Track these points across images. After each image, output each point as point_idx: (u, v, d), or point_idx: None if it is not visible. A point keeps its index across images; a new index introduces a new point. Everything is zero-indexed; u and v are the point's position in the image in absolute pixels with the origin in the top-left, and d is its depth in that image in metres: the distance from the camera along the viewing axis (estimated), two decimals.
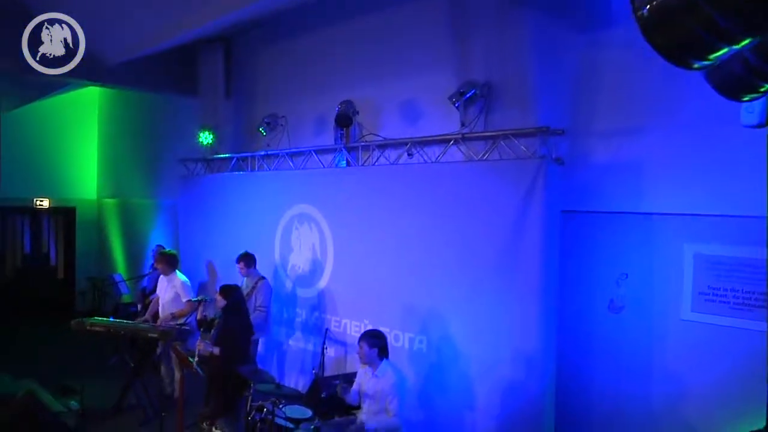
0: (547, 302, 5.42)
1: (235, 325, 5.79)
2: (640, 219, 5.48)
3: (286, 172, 8.10)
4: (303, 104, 8.36)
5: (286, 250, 7.92)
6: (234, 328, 5.78)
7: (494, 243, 5.75)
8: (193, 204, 9.60)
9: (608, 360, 5.65)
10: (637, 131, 5.47)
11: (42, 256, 14.01)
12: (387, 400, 5.13)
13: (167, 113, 11.65)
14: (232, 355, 5.65)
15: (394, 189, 6.63)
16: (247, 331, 6.01)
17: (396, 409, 5.10)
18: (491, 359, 5.72)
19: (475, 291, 5.86)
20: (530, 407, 5.42)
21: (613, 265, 5.63)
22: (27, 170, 12.75)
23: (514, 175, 5.63)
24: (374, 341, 5.27)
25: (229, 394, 5.70)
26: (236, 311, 5.84)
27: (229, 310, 5.76)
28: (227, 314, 5.76)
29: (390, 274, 6.61)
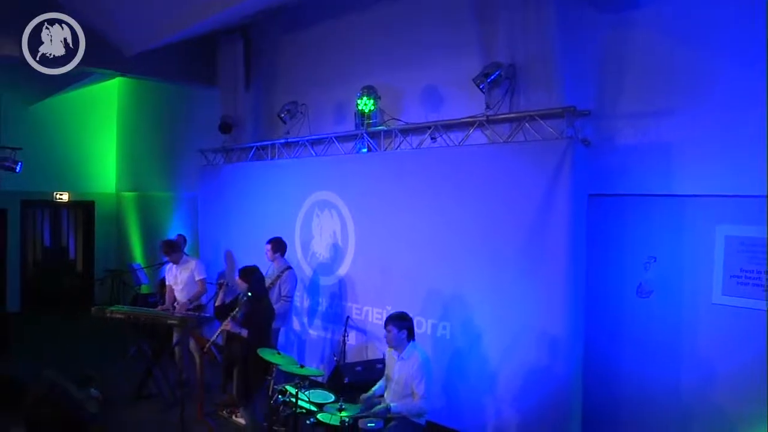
0: (574, 287, 5.31)
1: (258, 307, 5.72)
2: (668, 201, 5.37)
3: (307, 159, 8.04)
4: (323, 92, 8.31)
5: (307, 238, 7.86)
6: (258, 309, 5.71)
7: (520, 227, 5.66)
8: (212, 194, 9.57)
9: (636, 346, 5.54)
10: (665, 112, 5.36)
11: (61, 249, 14.07)
12: (413, 383, 5.04)
13: (185, 107, 11.68)
14: (257, 337, 5.59)
15: (416, 174, 6.55)
16: (270, 312, 5.95)
17: (423, 391, 5.02)
18: (516, 345, 5.63)
19: (500, 276, 5.77)
20: (557, 393, 5.31)
21: (641, 249, 5.53)
22: (47, 164, 12.86)
23: (540, 157, 5.53)
24: (403, 323, 5.19)
25: (252, 377, 5.63)
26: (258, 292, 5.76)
27: (251, 292, 5.69)
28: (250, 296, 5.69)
29: (412, 260, 6.53)
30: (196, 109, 11.25)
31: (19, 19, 7.33)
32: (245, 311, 5.72)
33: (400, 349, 5.20)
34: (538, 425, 5.43)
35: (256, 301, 5.70)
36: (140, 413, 7.01)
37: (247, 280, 5.75)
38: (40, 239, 13.84)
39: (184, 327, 7.00)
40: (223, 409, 6.96)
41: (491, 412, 5.81)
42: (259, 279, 5.86)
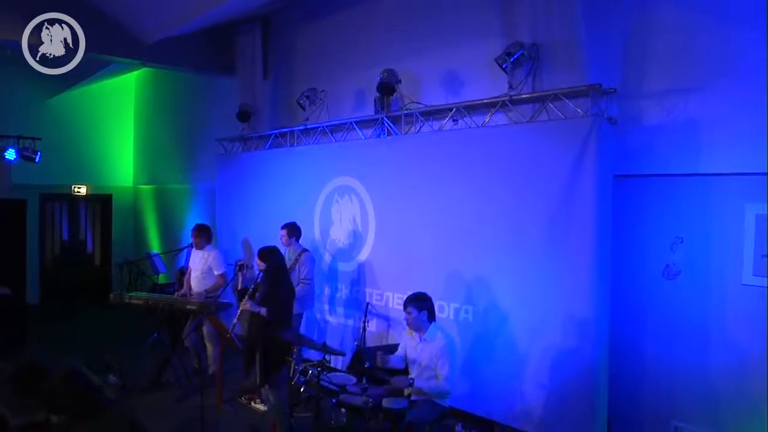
0: (599, 269, 5.22)
1: (278, 288, 5.67)
2: (696, 181, 5.27)
3: (326, 145, 8.00)
4: (342, 79, 8.26)
5: (326, 224, 7.81)
6: (277, 290, 5.66)
7: (544, 208, 5.57)
8: (230, 183, 9.55)
9: (663, 328, 5.45)
10: (692, 90, 5.27)
11: (79, 243, 14.12)
12: (437, 364, 4.97)
13: (203, 98, 11.69)
14: (277, 317, 5.53)
15: (438, 157, 6.48)
16: (290, 293, 5.89)
17: (447, 372, 4.95)
18: (541, 327, 5.54)
19: (524, 258, 5.69)
20: (582, 376, 5.22)
21: (668, 230, 5.43)
22: (65, 158, 12.91)
23: (564, 137, 5.45)
24: (422, 304, 5.12)
25: (273, 359, 5.58)
26: (278, 273, 5.71)
27: (270, 273, 5.64)
28: (269, 277, 5.64)
29: (434, 244, 6.46)
30: (213, 100, 11.25)
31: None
32: (264, 290, 5.67)
33: (422, 331, 5.13)
34: (563, 408, 5.34)
35: (275, 280, 5.65)
36: (158, 400, 6.97)
37: (266, 260, 5.70)
38: (59, 233, 13.90)
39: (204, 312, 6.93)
40: (242, 395, 6.91)
41: (516, 396, 5.72)
42: (279, 259, 5.81)
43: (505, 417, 5.83)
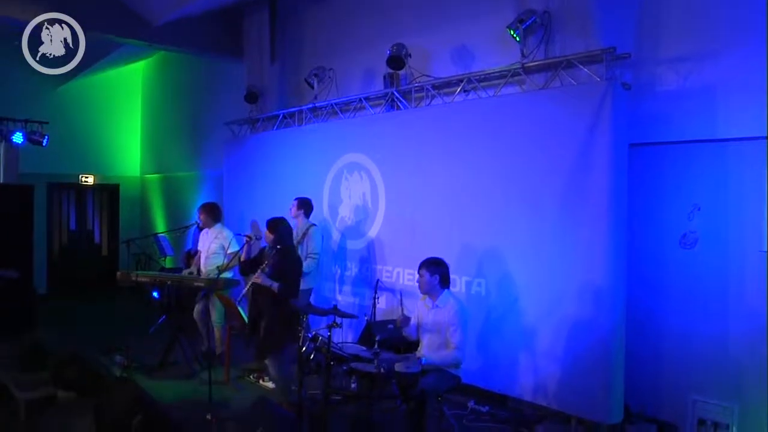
0: (615, 238, 5.11)
1: (287, 259, 5.57)
2: (713, 147, 5.18)
3: (335, 122, 7.91)
4: (351, 57, 8.20)
5: (335, 202, 7.72)
6: (287, 263, 5.56)
7: (558, 178, 5.46)
8: (238, 166, 9.49)
9: (681, 298, 5.34)
10: (708, 54, 5.17)
11: (87, 233, 14.06)
12: (449, 331, 4.87)
13: (210, 85, 11.67)
14: (288, 289, 5.44)
15: (449, 129, 6.37)
16: (299, 264, 5.80)
17: (458, 341, 4.84)
18: (556, 298, 5.42)
19: (538, 229, 5.58)
20: (599, 347, 5.10)
21: (684, 198, 5.34)
22: (73, 146, 12.87)
23: (578, 103, 5.34)
24: (435, 268, 5.02)
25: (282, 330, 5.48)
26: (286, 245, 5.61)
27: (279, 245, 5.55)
28: (278, 250, 5.55)
29: (445, 218, 6.36)
30: (220, 86, 11.21)
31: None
32: (273, 263, 5.57)
33: (434, 297, 5.03)
34: (579, 381, 5.21)
35: (285, 253, 5.56)
36: (166, 378, 6.90)
37: (274, 231, 5.61)
38: (66, 222, 13.85)
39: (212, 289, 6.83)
40: (250, 374, 6.85)
41: (530, 369, 5.62)
42: (287, 230, 5.71)
43: (519, 391, 5.73)
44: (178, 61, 12.81)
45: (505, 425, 5.63)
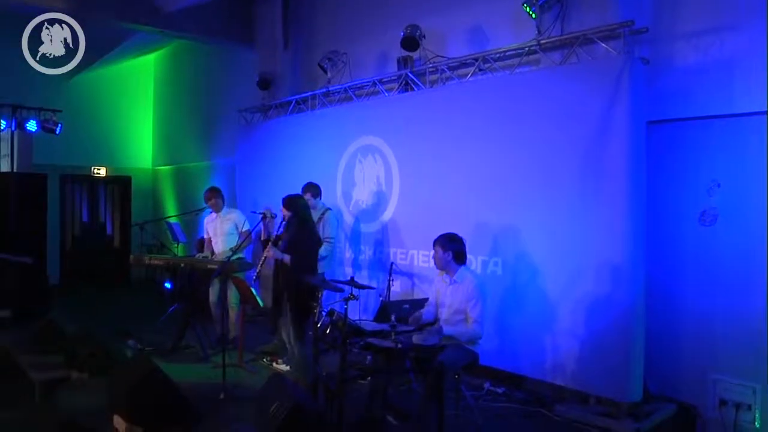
0: (634, 214, 5.04)
1: (302, 234, 5.52)
2: (733, 122, 5.10)
3: (349, 105, 7.88)
4: (364, 42, 8.17)
5: (349, 186, 7.68)
6: (302, 237, 5.51)
7: (576, 155, 5.40)
8: (250, 152, 9.48)
9: (701, 277, 5.26)
10: (728, 28, 5.08)
11: (99, 225, 14.08)
12: (467, 305, 4.80)
13: (221, 74, 11.67)
14: (301, 263, 5.39)
15: (464, 109, 6.32)
16: (315, 240, 5.74)
17: (477, 315, 4.77)
18: (573, 275, 5.36)
19: (555, 206, 5.51)
20: (618, 324, 5.03)
21: (703, 175, 5.27)
22: (85, 138, 12.91)
23: (596, 79, 5.27)
24: (449, 244, 4.95)
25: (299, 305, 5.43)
26: (302, 220, 5.56)
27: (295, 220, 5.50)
28: (293, 224, 5.50)
29: (460, 198, 6.30)
30: (232, 75, 11.19)
31: None
32: (288, 238, 5.53)
33: (451, 273, 4.97)
34: (599, 358, 5.15)
35: (300, 228, 5.51)
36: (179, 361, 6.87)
37: (291, 208, 5.57)
38: (78, 214, 13.87)
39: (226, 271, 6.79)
40: (264, 357, 6.81)
41: (547, 349, 5.55)
42: (304, 206, 5.67)
43: (536, 371, 5.66)
44: (189, 52, 12.83)
45: (523, 405, 5.56)
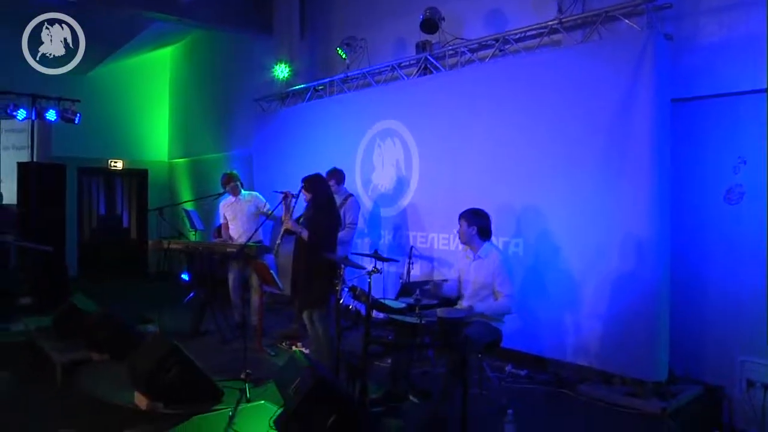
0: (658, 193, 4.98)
1: (322, 213, 5.48)
2: (759, 98, 4.97)
3: (367, 90, 7.85)
4: (382, 28, 8.16)
5: (368, 170, 7.65)
6: (321, 215, 5.47)
7: (598, 134, 5.36)
8: (268, 140, 9.47)
9: (726, 255, 5.17)
10: (753, 4, 4.97)
11: (115, 218, 14.14)
12: (495, 281, 4.75)
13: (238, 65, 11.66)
14: (320, 240, 5.34)
15: (484, 91, 6.28)
16: (336, 219, 5.70)
17: (508, 290, 4.73)
18: (597, 254, 5.30)
19: (578, 186, 5.46)
20: (643, 301, 4.97)
21: (729, 152, 5.17)
22: (102, 132, 12.94)
23: (618, 57, 5.21)
24: (473, 219, 4.90)
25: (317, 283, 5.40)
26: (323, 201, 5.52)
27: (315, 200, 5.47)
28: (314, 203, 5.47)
29: (481, 180, 6.25)
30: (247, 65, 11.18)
31: None
32: (308, 216, 5.51)
33: (474, 248, 4.91)
34: (623, 337, 5.09)
35: (321, 208, 5.47)
36: (199, 344, 6.86)
37: (311, 189, 5.53)
38: (95, 207, 13.94)
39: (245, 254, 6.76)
40: (283, 341, 6.79)
41: (570, 329, 5.49)
42: (324, 187, 5.63)
43: (559, 353, 5.61)
44: (204, 45, 12.87)
45: (546, 386, 5.50)
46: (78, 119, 10.05)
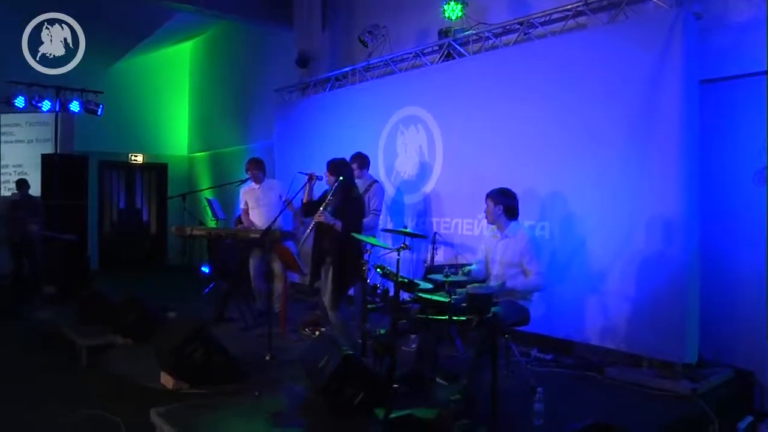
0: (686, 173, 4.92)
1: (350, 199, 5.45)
2: None
3: (389, 78, 7.84)
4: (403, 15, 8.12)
5: (391, 158, 7.63)
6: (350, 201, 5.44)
7: (626, 116, 5.30)
8: (289, 130, 9.48)
9: (756, 238, 5.05)
10: None
11: (135, 211, 14.23)
12: (523, 260, 4.71)
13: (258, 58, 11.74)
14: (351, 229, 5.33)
15: (509, 75, 6.24)
16: (361, 205, 5.69)
17: (537, 267, 4.69)
18: (624, 234, 5.24)
19: (605, 168, 5.41)
20: (672, 281, 4.90)
21: (759, 133, 5.05)
22: (123, 126, 13.05)
23: (646, 37, 5.15)
24: (500, 198, 4.85)
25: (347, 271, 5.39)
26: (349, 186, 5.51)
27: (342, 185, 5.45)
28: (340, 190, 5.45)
29: (506, 164, 6.20)
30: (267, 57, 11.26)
31: None
32: (336, 205, 5.48)
33: (501, 227, 4.88)
34: (652, 318, 5.02)
35: (347, 193, 5.45)
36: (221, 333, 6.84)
37: (336, 173, 5.52)
38: (116, 201, 14.04)
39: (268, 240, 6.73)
40: (306, 327, 6.79)
41: (598, 312, 5.43)
42: (349, 172, 5.61)
43: (585, 336, 5.55)
44: (223, 39, 12.96)
45: (573, 370, 5.44)
46: (101, 111, 10.14)
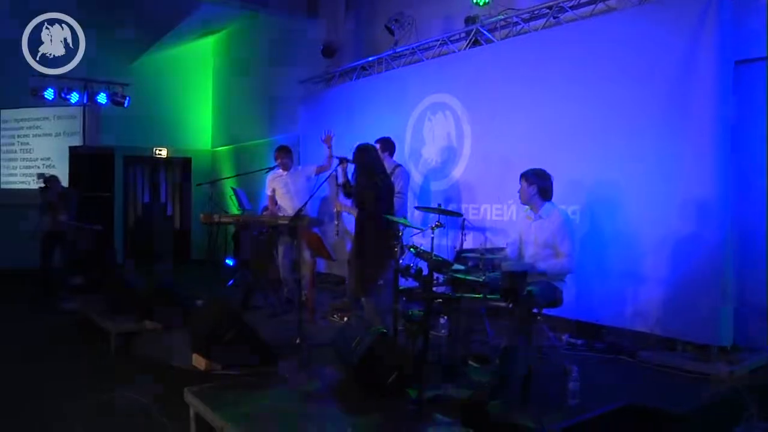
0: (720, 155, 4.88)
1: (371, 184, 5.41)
2: None
3: (415, 66, 7.84)
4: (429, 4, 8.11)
5: (418, 145, 7.63)
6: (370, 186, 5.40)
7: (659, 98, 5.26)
8: (314, 121, 9.49)
9: None
10: None
11: (159, 206, 14.30)
12: (556, 240, 4.68)
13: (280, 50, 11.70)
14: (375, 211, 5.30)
15: (537, 60, 6.22)
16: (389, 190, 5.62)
17: (568, 249, 4.65)
18: (657, 217, 5.21)
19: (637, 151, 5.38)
20: (707, 263, 4.86)
21: None
22: (147, 120, 13.11)
23: (679, 18, 5.12)
24: (534, 179, 4.81)
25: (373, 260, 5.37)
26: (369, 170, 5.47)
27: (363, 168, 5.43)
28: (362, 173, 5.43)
29: (534, 149, 6.15)
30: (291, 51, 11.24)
31: None
32: (357, 190, 5.48)
33: (535, 208, 4.85)
34: (686, 301, 4.97)
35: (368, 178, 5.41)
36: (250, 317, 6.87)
37: (356, 159, 5.51)
38: (140, 195, 14.13)
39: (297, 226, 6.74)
40: (334, 313, 6.79)
41: (630, 295, 5.39)
42: (373, 157, 5.56)
43: (617, 320, 5.52)
44: (247, 32, 13.01)
45: (605, 354, 5.39)
46: (128, 102, 10.21)
